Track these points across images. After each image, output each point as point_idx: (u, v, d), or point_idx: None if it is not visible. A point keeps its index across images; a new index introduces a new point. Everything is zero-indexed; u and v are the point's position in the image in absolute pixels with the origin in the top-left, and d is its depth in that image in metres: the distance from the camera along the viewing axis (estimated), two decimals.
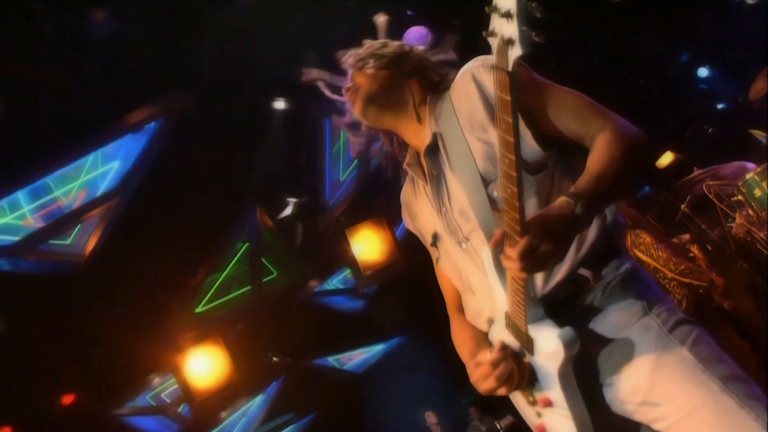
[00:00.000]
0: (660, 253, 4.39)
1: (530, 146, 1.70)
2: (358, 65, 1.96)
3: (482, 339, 1.85)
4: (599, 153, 1.59)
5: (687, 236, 5.15)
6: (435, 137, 1.85)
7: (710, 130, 8.38)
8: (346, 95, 1.98)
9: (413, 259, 5.52)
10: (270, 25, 4.43)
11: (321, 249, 5.85)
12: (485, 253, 1.67)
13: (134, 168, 4.52)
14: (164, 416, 5.83)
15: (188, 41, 4.23)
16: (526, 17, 1.25)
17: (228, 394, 5.28)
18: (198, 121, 4.63)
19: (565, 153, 1.75)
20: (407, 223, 2.10)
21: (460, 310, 1.97)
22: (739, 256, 4.91)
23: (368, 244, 5.52)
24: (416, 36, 4.48)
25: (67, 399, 5.05)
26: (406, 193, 2.08)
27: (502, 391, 1.69)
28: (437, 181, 1.88)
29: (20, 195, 4.25)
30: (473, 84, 1.76)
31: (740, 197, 4.94)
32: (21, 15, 3.69)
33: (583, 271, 1.67)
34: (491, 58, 1.37)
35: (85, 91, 3.92)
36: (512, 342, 1.70)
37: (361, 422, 6.86)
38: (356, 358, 7.32)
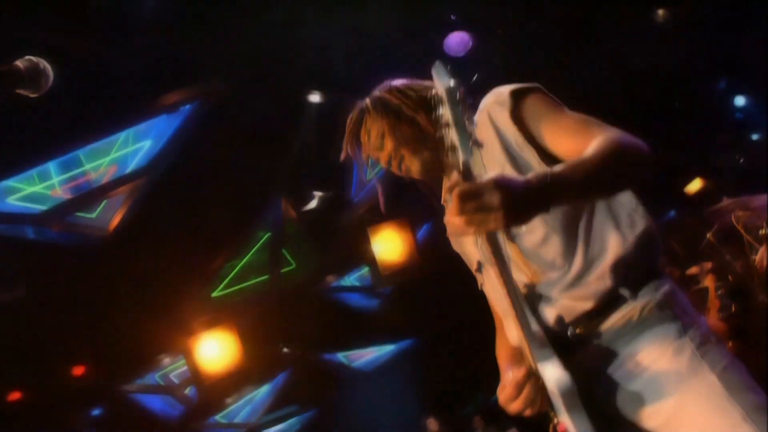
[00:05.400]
0: None
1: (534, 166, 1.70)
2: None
3: (519, 356, 1.87)
4: (588, 150, 1.53)
5: (709, 264, 5.11)
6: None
7: (741, 160, 8.30)
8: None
9: (432, 264, 5.52)
10: (311, 18, 4.44)
11: (341, 245, 5.85)
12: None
13: (165, 148, 4.54)
14: (171, 396, 5.89)
15: (231, 28, 4.24)
16: (463, 127, 1.34)
17: (236, 381, 5.30)
18: (232, 107, 4.65)
19: None
20: (454, 246, 2.09)
21: None
22: (762, 289, 4.86)
23: (389, 245, 5.50)
24: (457, 42, 4.47)
25: (78, 370, 5.10)
26: None
27: (528, 412, 1.71)
28: None
29: (51, 166, 4.29)
30: (490, 124, 1.76)
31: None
32: None
33: (623, 291, 1.68)
34: (504, 93, 1.49)
35: (125, 68, 3.94)
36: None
37: (363, 422, 6.86)
38: (366, 356, 7.33)
